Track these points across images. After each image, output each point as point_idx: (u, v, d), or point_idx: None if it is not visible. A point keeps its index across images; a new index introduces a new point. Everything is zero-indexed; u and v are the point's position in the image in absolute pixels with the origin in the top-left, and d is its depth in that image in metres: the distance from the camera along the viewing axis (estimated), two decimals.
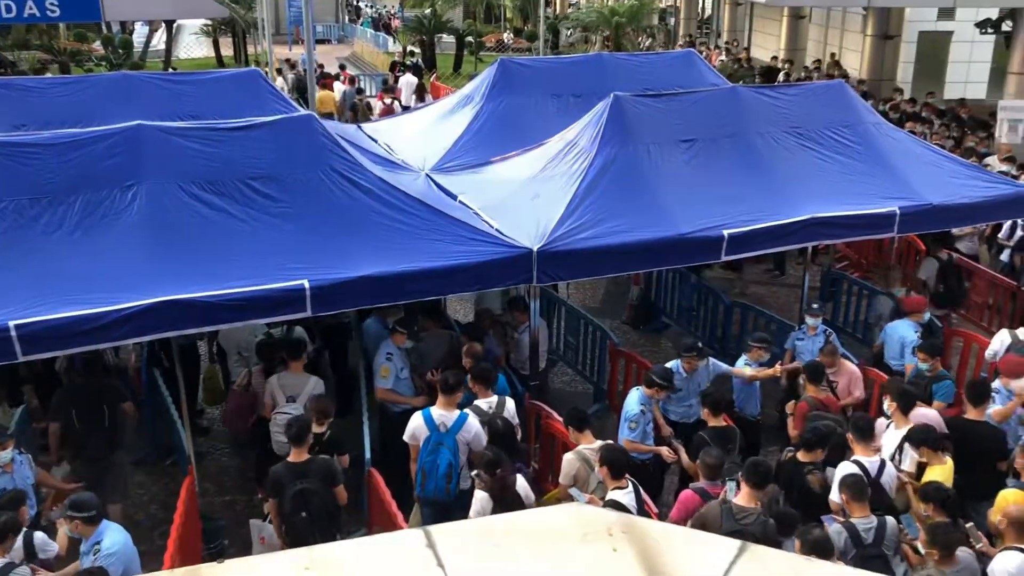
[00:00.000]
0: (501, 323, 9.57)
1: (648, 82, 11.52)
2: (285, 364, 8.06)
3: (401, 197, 7.81)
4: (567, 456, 6.83)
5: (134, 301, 6.39)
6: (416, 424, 7.04)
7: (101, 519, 5.85)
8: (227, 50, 36.15)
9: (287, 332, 8.83)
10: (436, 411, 7.06)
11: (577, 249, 7.89)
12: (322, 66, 22.01)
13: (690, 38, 34.16)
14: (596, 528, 2.07)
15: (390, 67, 27.38)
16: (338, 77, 24.13)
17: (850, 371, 8.42)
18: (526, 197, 8.73)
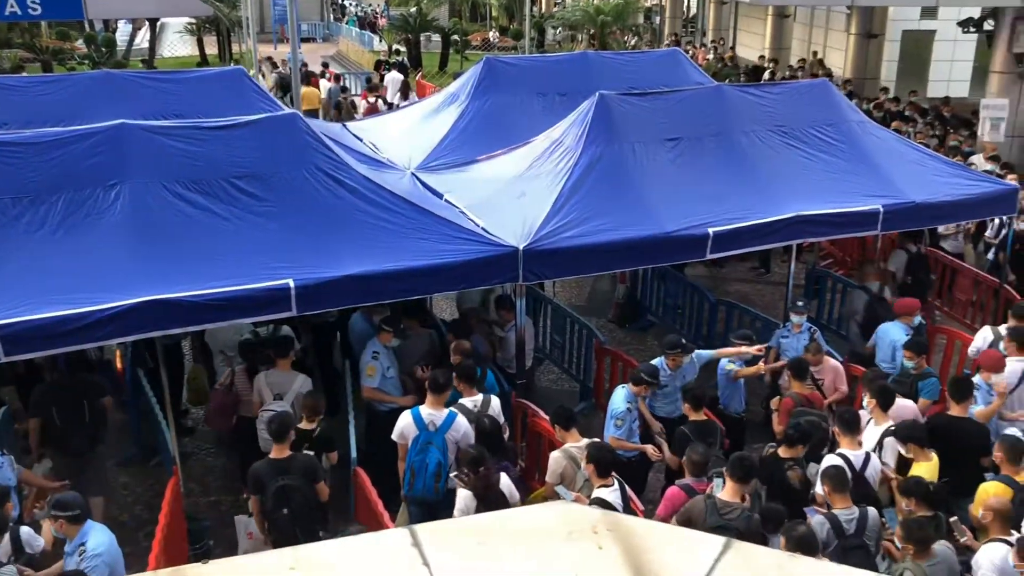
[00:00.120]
0: (487, 322, 9.57)
1: (633, 81, 11.55)
2: (272, 362, 8.04)
3: (386, 196, 7.80)
4: (554, 454, 6.83)
5: (118, 301, 6.35)
6: (405, 423, 7.02)
7: (85, 518, 5.81)
8: (212, 49, 35.97)
9: (274, 331, 8.80)
10: (425, 410, 7.05)
11: (563, 247, 7.91)
12: (305, 64, 21.96)
13: (676, 37, 34.22)
14: (581, 526, 2.07)
15: (375, 66, 27.33)
16: (323, 75, 24.09)
17: (834, 368, 8.47)
18: (512, 196, 8.73)
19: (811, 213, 8.84)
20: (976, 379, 7.77)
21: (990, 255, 12.10)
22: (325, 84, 22.81)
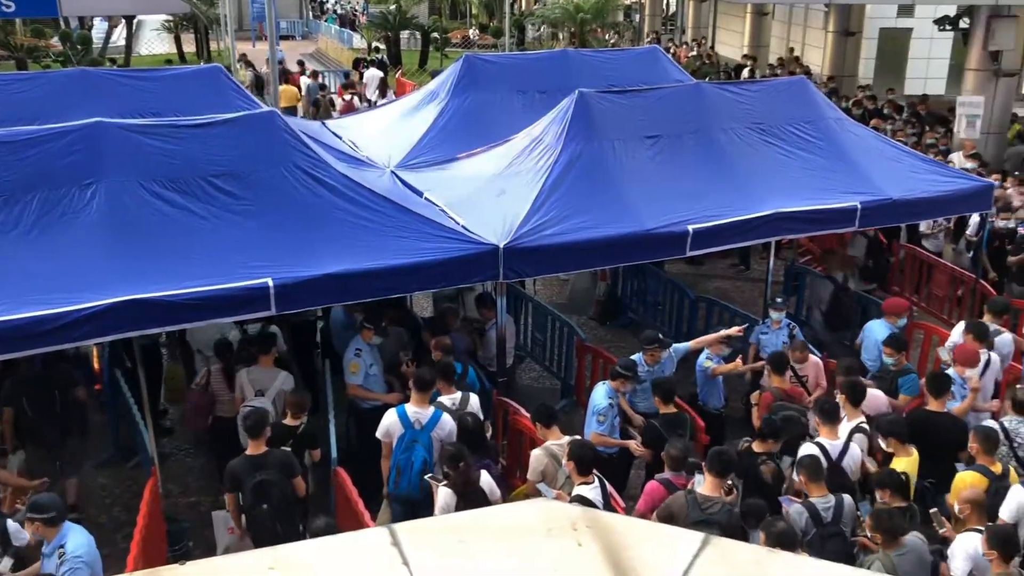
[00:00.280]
0: (469, 319, 9.56)
1: (613, 78, 11.55)
2: (255, 359, 8.03)
3: (366, 194, 7.77)
4: (535, 452, 6.84)
5: (94, 301, 6.30)
6: (390, 421, 7.00)
7: (62, 520, 5.76)
8: (189, 46, 35.69)
9: (262, 328, 8.76)
10: (411, 408, 7.02)
11: (543, 245, 7.91)
12: (281, 62, 21.90)
13: (656, 35, 34.32)
14: (561, 523, 2.06)
15: (354, 63, 27.23)
16: (303, 73, 24.01)
17: (816, 364, 8.54)
18: (492, 193, 8.72)
19: (790, 210, 8.89)
20: (951, 372, 7.86)
21: (971, 253, 12.20)
22: (306, 81, 22.71)
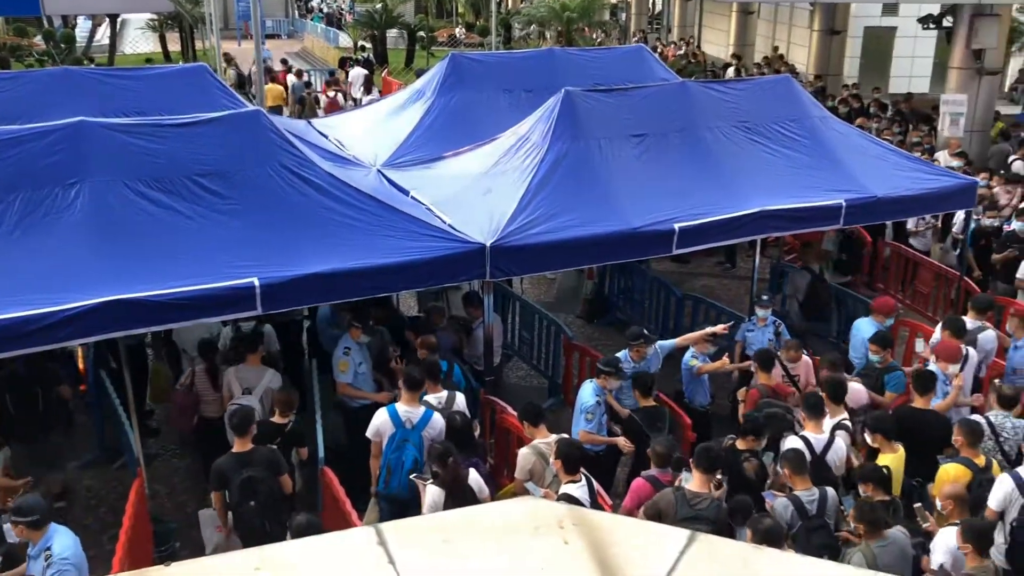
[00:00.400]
0: (455, 317, 9.56)
1: (599, 77, 11.56)
2: (242, 358, 8.03)
3: (352, 193, 7.74)
4: (522, 451, 6.84)
5: (79, 301, 6.25)
6: (381, 420, 6.98)
7: (48, 522, 5.72)
8: (175, 45, 35.49)
9: (256, 326, 8.75)
10: (401, 407, 7.01)
11: (530, 244, 7.90)
12: (267, 61, 21.91)
13: (644, 34, 34.38)
14: (547, 521, 2.07)
15: (340, 62, 27.18)
16: (289, 71, 23.97)
17: (807, 364, 8.57)
18: (479, 192, 8.72)
19: (775, 208, 8.92)
20: (933, 368, 7.91)
21: (958, 250, 12.25)
22: (291, 80, 22.73)
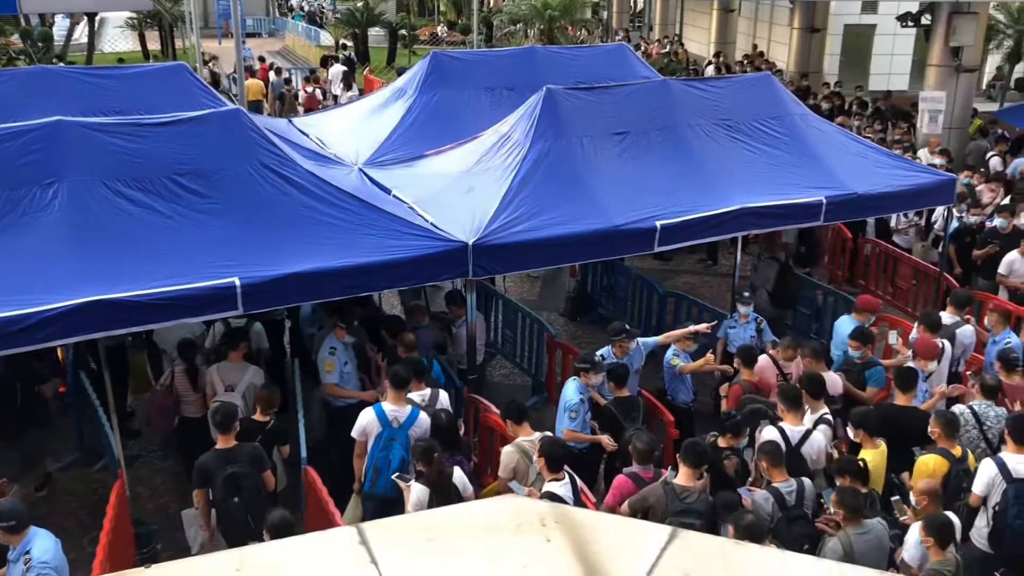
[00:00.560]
0: (436, 316, 9.54)
1: (580, 75, 11.58)
2: (225, 354, 8.03)
3: (333, 192, 7.72)
4: (506, 449, 6.84)
5: (58, 302, 6.19)
6: (368, 419, 6.96)
7: (27, 525, 5.67)
8: (154, 44, 35.26)
9: (247, 324, 8.73)
10: (388, 406, 6.99)
11: (512, 242, 7.91)
12: (246, 60, 21.97)
13: (626, 32, 34.46)
14: (529, 519, 2.07)
15: (322, 61, 27.10)
16: (271, 67, 23.95)
17: (799, 362, 8.58)
18: (461, 191, 8.71)
19: (756, 205, 8.96)
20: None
21: (940, 247, 12.33)
22: (273, 76, 22.77)
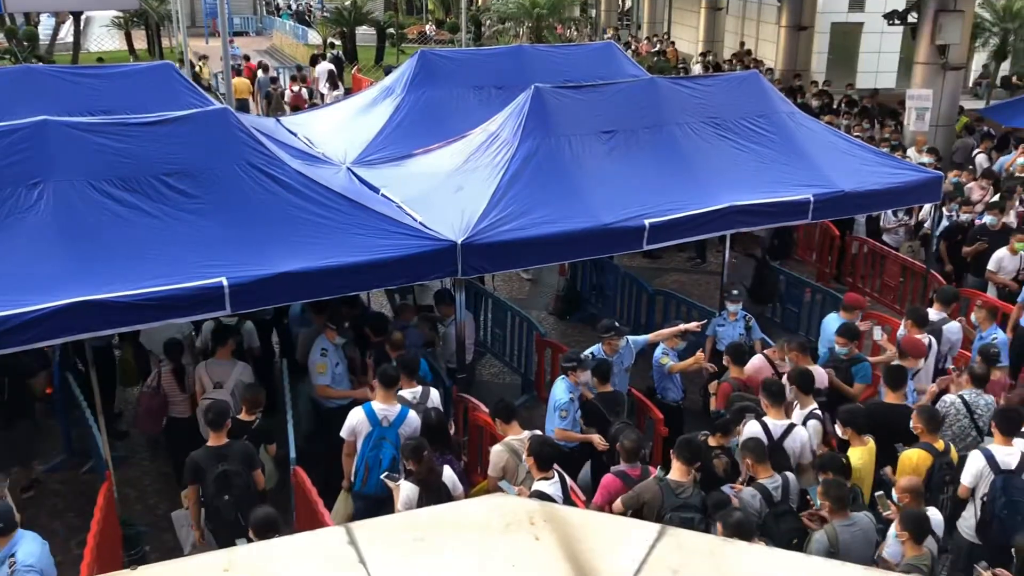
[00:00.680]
0: (428, 318, 9.54)
1: (569, 74, 11.59)
2: (213, 351, 8.05)
3: (321, 191, 7.70)
4: (495, 448, 6.84)
5: (45, 303, 6.16)
6: (358, 419, 6.95)
7: (14, 528, 5.64)
8: (141, 43, 35.10)
9: (239, 323, 8.71)
10: (377, 405, 6.99)
11: (501, 241, 7.90)
12: (233, 59, 22.00)
13: (615, 30, 34.51)
14: (518, 518, 2.07)
15: (311, 60, 27.05)
16: (260, 65, 23.94)
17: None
18: (449, 189, 8.70)
19: (744, 203, 8.98)
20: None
21: (933, 246, 12.37)
22: (260, 75, 22.78)
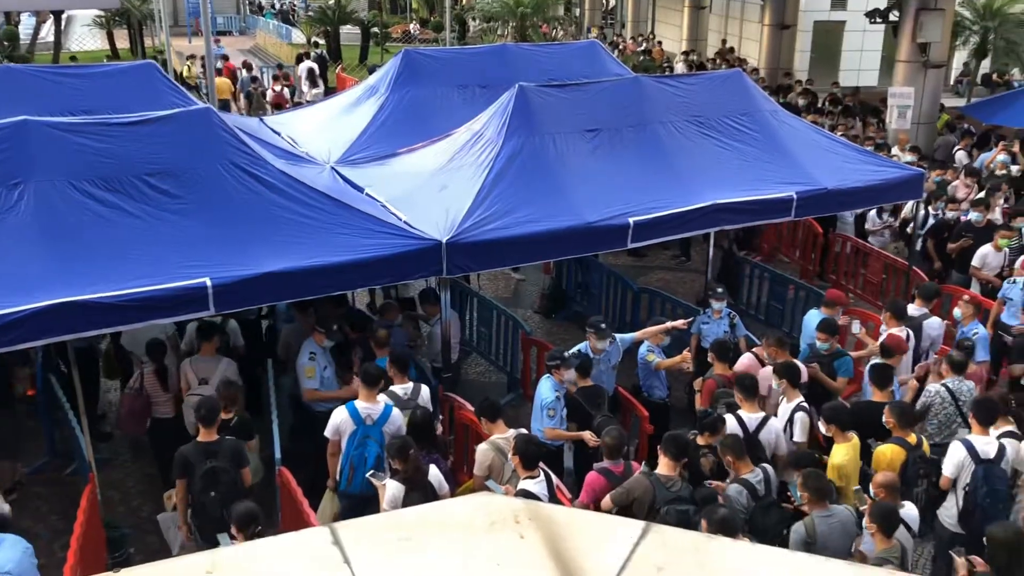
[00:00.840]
0: (411, 316, 9.52)
1: (553, 72, 11.59)
2: (198, 347, 8.05)
3: (305, 191, 7.67)
4: (481, 447, 6.84)
5: (27, 304, 6.12)
6: (341, 418, 6.95)
7: None
8: (123, 43, 34.84)
9: (223, 322, 8.68)
10: (361, 404, 6.98)
11: (486, 240, 7.90)
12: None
13: (601, 29, 34.55)
14: (503, 517, 2.07)
15: (296, 59, 26.97)
16: (244, 65, 23.89)
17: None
18: (434, 188, 8.69)
19: (728, 201, 9.02)
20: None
21: (918, 245, 12.43)
22: (243, 74, 22.74)
